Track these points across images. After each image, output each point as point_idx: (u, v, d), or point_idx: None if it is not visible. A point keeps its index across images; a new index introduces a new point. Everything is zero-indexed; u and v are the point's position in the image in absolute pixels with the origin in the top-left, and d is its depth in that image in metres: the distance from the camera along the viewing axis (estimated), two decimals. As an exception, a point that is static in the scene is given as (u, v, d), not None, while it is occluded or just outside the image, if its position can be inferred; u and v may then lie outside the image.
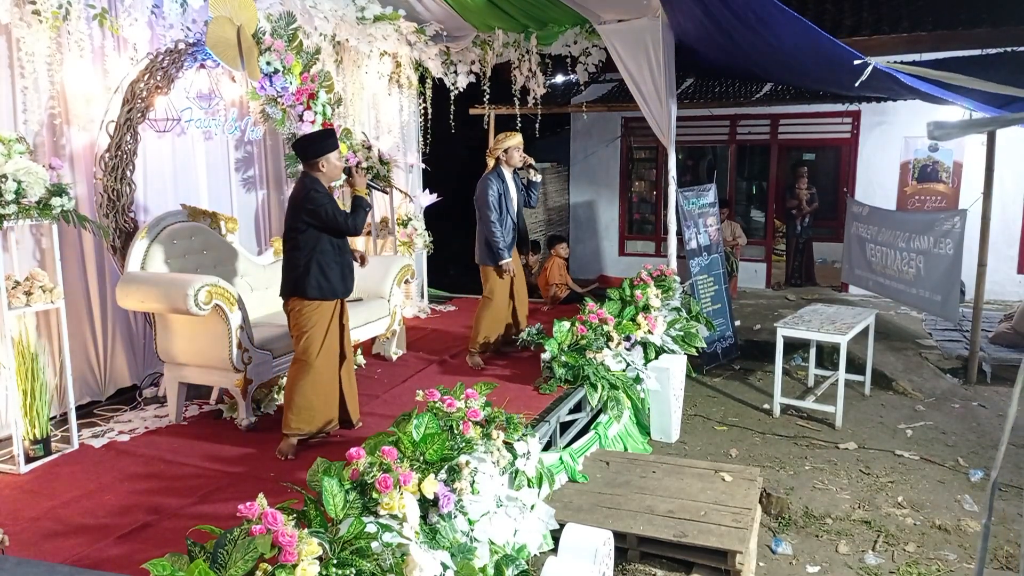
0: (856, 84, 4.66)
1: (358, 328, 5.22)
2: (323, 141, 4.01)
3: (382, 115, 7.20)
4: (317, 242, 3.95)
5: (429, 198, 7.53)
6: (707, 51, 6.45)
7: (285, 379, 4.24)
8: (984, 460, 5.10)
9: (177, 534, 2.95)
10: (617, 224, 11.11)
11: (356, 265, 4.35)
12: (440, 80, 7.55)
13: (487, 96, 7.55)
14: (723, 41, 5.70)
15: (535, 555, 3.29)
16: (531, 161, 5.43)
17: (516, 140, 5.30)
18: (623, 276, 7.01)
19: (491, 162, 5.34)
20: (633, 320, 5.42)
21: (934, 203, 9.23)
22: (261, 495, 2.29)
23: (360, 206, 4.10)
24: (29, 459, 3.83)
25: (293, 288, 3.99)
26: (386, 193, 5.02)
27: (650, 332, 5.48)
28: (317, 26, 6.08)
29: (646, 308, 5.58)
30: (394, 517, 2.54)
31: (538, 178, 5.50)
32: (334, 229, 3.97)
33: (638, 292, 5.64)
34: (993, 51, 7.04)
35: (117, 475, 3.77)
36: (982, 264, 6.45)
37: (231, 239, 5.23)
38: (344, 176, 4.18)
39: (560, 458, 4.26)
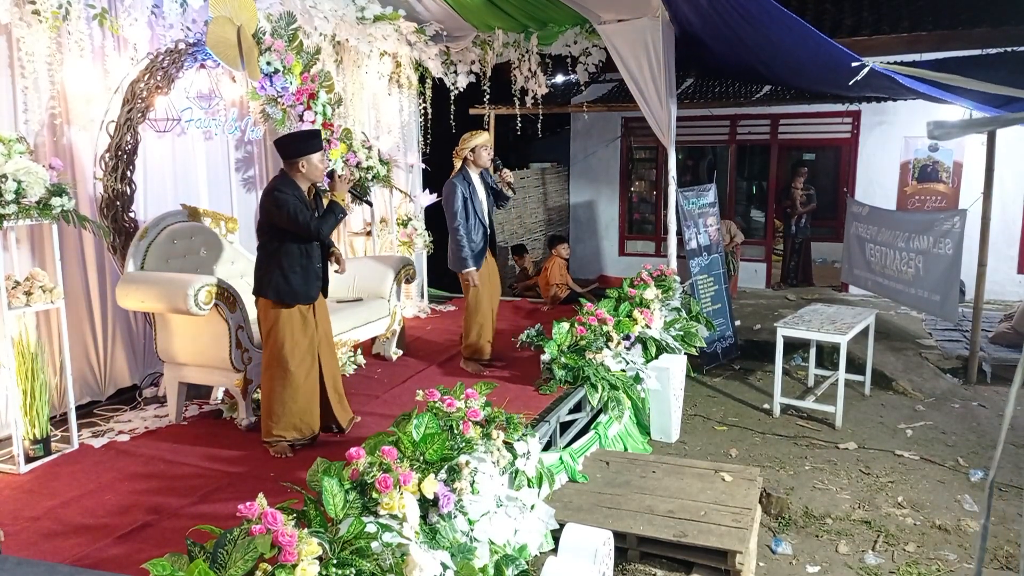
0: (850, 83, 4.66)
1: (358, 328, 5.23)
2: (306, 141, 3.89)
3: (382, 115, 7.20)
4: (281, 243, 3.86)
5: (429, 198, 7.53)
6: (713, 43, 6.45)
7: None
8: (984, 460, 5.10)
9: (177, 534, 2.95)
10: (617, 224, 11.11)
11: (335, 268, 4.24)
12: (440, 80, 7.55)
13: (487, 96, 7.55)
14: (728, 34, 5.70)
15: (535, 555, 3.29)
16: (510, 179, 5.23)
17: (483, 138, 5.12)
18: (623, 276, 7.01)
19: (457, 163, 5.14)
20: (629, 316, 5.40)
21: (934, 203, 9.24)
22: (261, 495, 2.29)
23: (332, 212, 3.93)
24: (29, 459, 3.83)
25: (257, 288, 3.97)
26: (370, 204, 4.97)
27: (647, 326, 5.46)
28: (317, 26, 6.08)
29: (641, 303, 5.57)
30: (394, 517, 2.54)
31: (510, 193, 5.30)
32: (295, 231, 3.84)
33: (631, 289, 5.64)
34: (993, 51, 7.05)
35: (117, 475, 3.77)
36: (982, 264, 6.45)
37: (231, 239, 5.23)
38: (326, 179, 4.08)
39: (560, 458, 4.26)
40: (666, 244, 6.93)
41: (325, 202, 4.02)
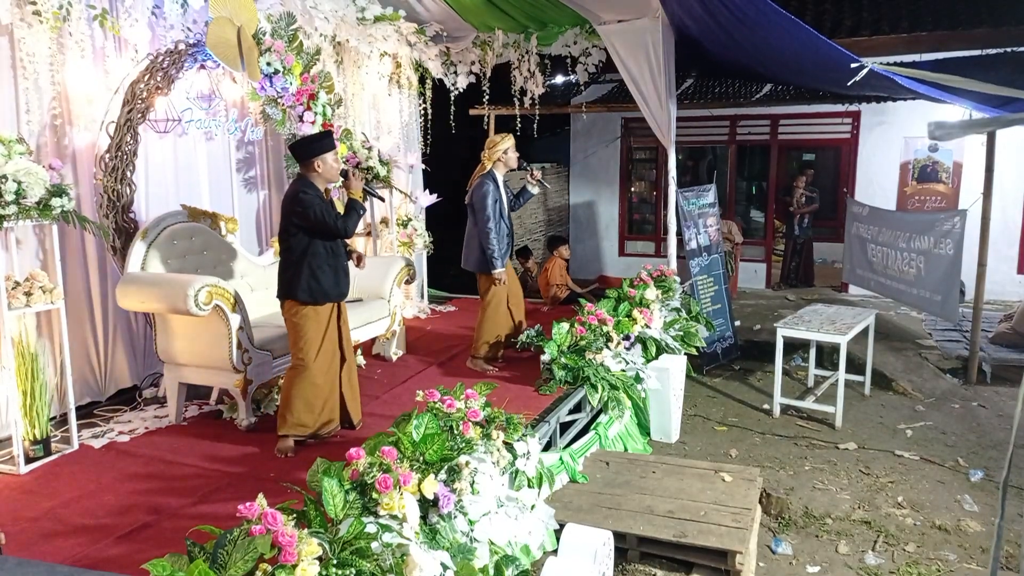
0: (848, 84, 4.66)
1: (358, 328, 5.22)
2: (319, 142, 4.00)
3: (382, 116, 7.20)
4: (308, 244, 3.93)
5: (429, 198, 7.53)
6: (711, 46, 6.46)
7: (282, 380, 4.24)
8: (984, 460, 5.10)
9: (177, 534, 2.95)
10: (617, 224, 11.11)
11: (353, 266, 4.31)
12: (440, 81, 7.55)
13: (487, 97, 7.56)
14: (724, 38, 5.71)
15: (537, 555, 3.29)
16: (539, 176, 5.41)
17: (512, 141, 5.26)
18: (623, 276, 7.01)
19: (488, 165, 5.19)
20: (629, 316, 5.40)
21: (934, 203, 9.24)
22: (261, 495, 2.29)
23: (354, 209, 4.05)
24: (29, 459, 3.83)
25: (286, 291, 4.00)
26: (382, 200, 5.06)
27: (647, 326, 5.45)
28: (317, 26, 6.08)
29: (641, 302, 5.57)
30: (394, 517, 2.54)
31: (536, 190, 5.45)
32: (323, 231, 3.93)
33: (631, 289, 5.64)
34: (993, 51, 7.05)
35: (117, 475, 3.77)
36: (982, 264, 6.45)
37: (231, 239, 5.23)
38: (341, 179, 4.15)
39: (560, 458, 4.26)
40: (666, 244, 6.93)
41: (339, 205, 4.09)
